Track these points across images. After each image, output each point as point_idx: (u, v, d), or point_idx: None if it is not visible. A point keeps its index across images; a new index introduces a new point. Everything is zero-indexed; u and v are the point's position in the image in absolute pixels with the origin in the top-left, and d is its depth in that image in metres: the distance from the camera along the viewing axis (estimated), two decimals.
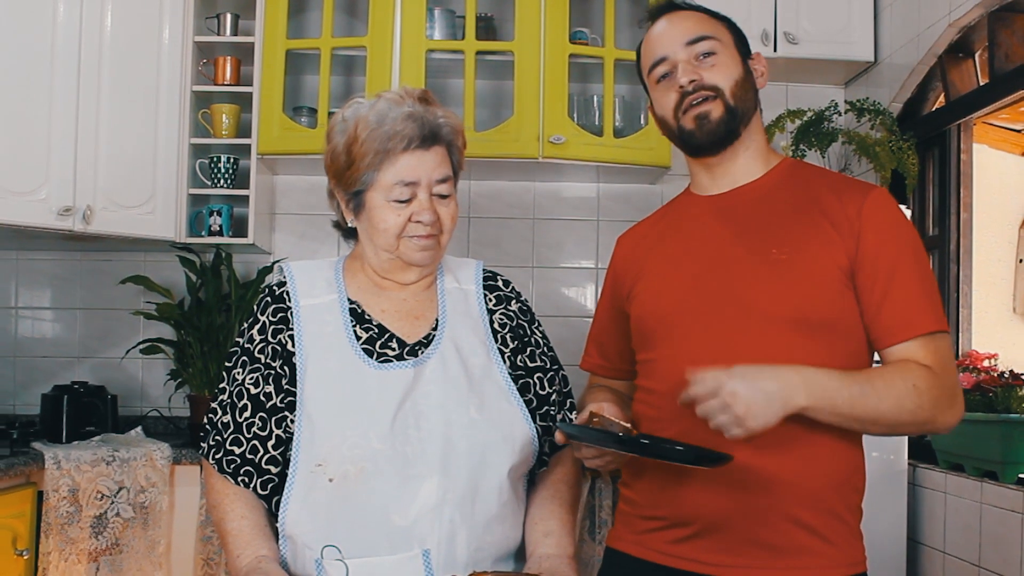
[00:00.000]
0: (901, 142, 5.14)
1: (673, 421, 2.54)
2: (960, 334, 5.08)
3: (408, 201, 2.60)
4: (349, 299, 2.68)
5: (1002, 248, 6.06)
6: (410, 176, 2.58)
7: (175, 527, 4.98)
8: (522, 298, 2.88)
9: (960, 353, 4.95)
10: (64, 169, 5.07)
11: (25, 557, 4.49)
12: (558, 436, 2.53)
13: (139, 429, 5.48)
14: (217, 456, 2.62)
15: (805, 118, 5.38)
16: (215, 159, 5.69)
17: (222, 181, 5.68)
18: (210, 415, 2.68)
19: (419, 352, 2.60)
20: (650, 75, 2.77)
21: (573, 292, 6.24)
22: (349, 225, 2.75)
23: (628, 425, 2.50)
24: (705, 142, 2.69)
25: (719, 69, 2.67)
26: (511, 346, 2.72)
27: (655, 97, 2.77)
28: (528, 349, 2.76)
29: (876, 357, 2.62)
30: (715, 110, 2.65)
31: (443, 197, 2.65)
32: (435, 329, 2.66)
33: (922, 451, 4.94)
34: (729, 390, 2.24)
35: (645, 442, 2.32)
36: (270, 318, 2.66)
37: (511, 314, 2.78)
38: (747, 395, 2.25)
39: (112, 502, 4.80)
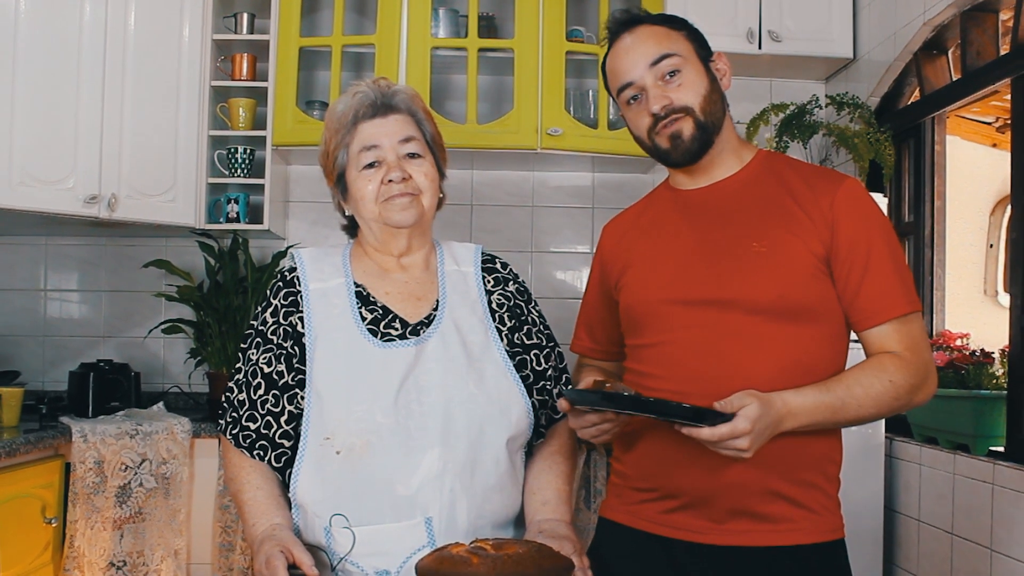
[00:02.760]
0: (878, 134, 5.14)
1: None
2: (934, 315, 5.09)
3: (378, 167, 2.62)
4: (355, 283, 2.67)
5: (974, 234, 6.06)
6: (370, 140, 2.64)
7: (195, 497, 4.99)
8: (520, 279, 2.87)
9: (934, 333, 4.95)
10: (90, 160, 5.09)
11: (53, 525, 4.50)
12: (562, 404, 2.51)
13: (161, 404, 5.49)
14: (234, 432, 2.62)
15: (788, 111, 5.36)
16: (232, 150, 5.69)
17: (239, 171, 5.68)
18: (227, 393, 2.68)
19: (421, 331, 2.59)
20: (619, 96, 2.74)
21: (569, 275, 6.24)
22: (347, 214, 2.77)
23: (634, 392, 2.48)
24: (681, 160, 2.68)
25: (686, 87, 2.63)
26: (508, 324, 2.71)
27: (628, 118, 2.74)
28: (525, 327, 2.75)
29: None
30: (687, 128, 2.62)
31: (412, 156, 2.65)
32: (436, 310, 2.65)
33: (898, 425, 4.94)
34: (746, 446, 2.24)
35: (650, 400, 2.30)
36: (281, 301, 2.66)
37: (509, 294, 2.77)
38: (753, 444, 2.26)
39: (135, 473, 4.80)
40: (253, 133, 5.66)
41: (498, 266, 2.84)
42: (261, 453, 2.59)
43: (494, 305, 2.73)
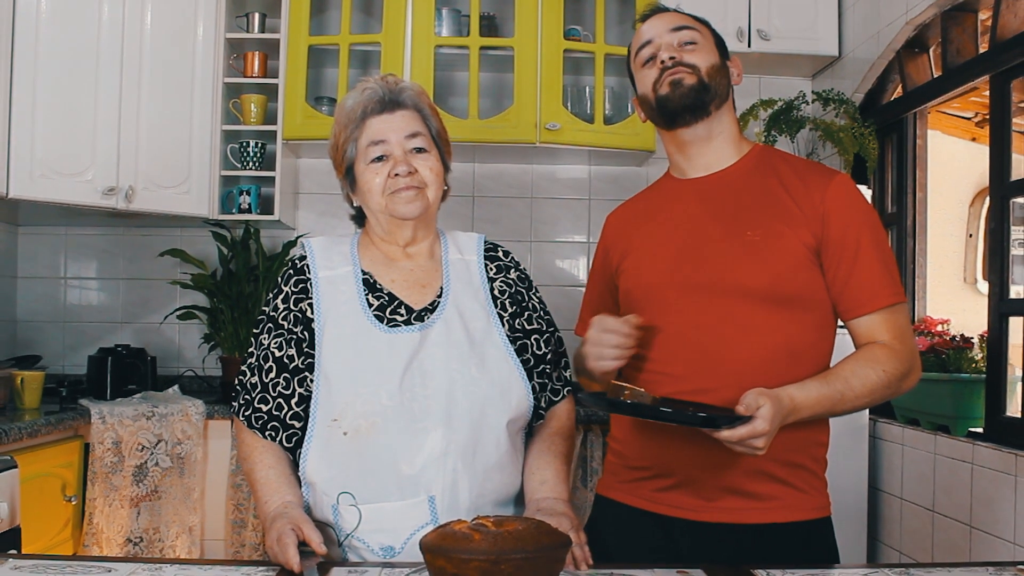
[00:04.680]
0: (863, 129, 5.14)
1: (659, 384, 2.54)
2: (916, 302, 5.09)
3: (385, 161, 2.62)
4: (362, 271, 2.66)
5: (953, 224, 6.07)
6: (378, 135, 2.63)
7: (208, 476, 5.00)
8: (521, 267, 2.85)
9: (916, 319, 4.95)
10: (108, 153, 5.11)
11: (73, 503, 4.50)
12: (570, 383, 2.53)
13: (176, 387, 5.50)
14: (247, 413, 2.62)
15: (776, 107, 5.37)
16: (244, 144, 5.71)
17: (251, 164, 5.69)
18: (240, 377, 2.68)
19: (425, 317, 2.58)
20: (636, 58, 2.75)
21: (567, 264, 6.23)
22: (354, 205, 2.77)
23: (657, 398, 2.48)
24: (678, 106, 2.65)
25: (698, 54, 2.65)
26: (510, 311, 2.70)
27: (639, 78, 2.76)
28: (526, 313, 2.74)
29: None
30: (688, 78, 2.62)
31: (419, 151, 2.65)
32: (440, 296, 2.64)
33: (881, 407, 4.93)
34: (761, 445, 2.25)
35: (667, 410, 2.30)
36: (292, 288, 2.65)
37: (510, 281, 2.76)
38: (768, 443, 2.26)
39: (151, 453, 4.80)
40: (264, 128, 5.67)
41: (500, 254, 2.83)
42: (273, 434, 2.59)
43: (496, 292, 2.72)
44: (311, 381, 2.56)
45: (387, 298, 2.61)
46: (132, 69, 5.20)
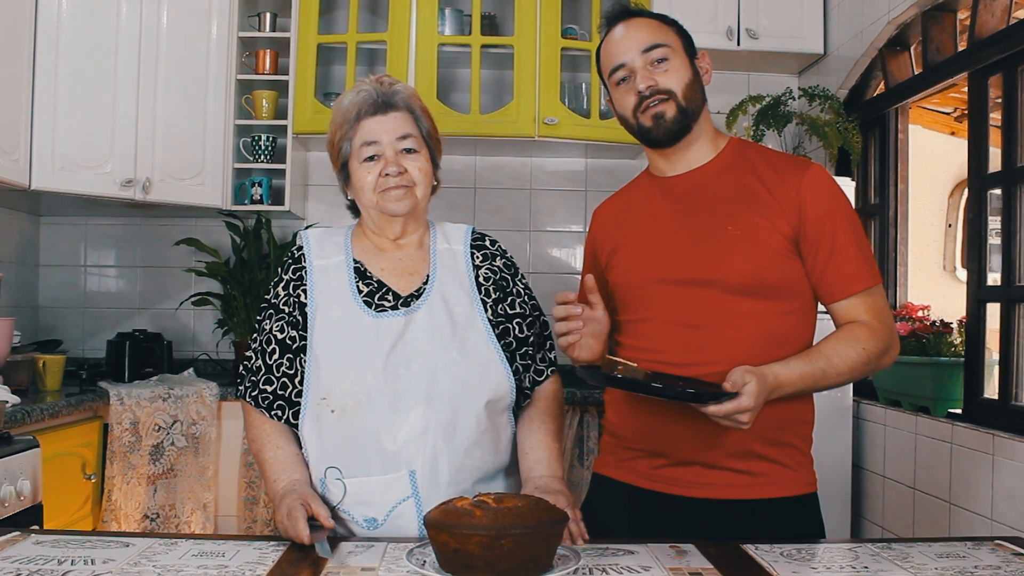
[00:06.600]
0: (847, 123, 5.14)
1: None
2: (897, 288, 5.08)
3: (377, 160, 2.63)
4: (354, 260, 2.69)
5: (933, 214, 6.07)
6: (371, 136, 2.63)
7: (222, 455, 5.01)
8: (507, 255, 2.87)
9: (897, 305, 4.95)
10: (126, 147, 5.12)
11: (93, 480, 4.50)
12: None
13: (191, 370, 5.51)
14: (253, 394, 2.64)
15: (764, 103, 5.35)
16: (256, 138, 5.71)
17: (262, 157, 5.70)
18: (245, 362, 2.70)
19: (411, 303, 2.60)
20: (610, 78, 2.73)
21: (564, 252, 6.22)
22: (349, 198, 2.78)
23: (649, 372, 2.49)
24: (662, 138, 2.65)
25: (672, 74, 2.62)
26: (493, 297, 2.71)
27: (616, 97, 2.73)
28: (509, 299, 2.75)
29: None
30: (669, 110, 2.61)
31: (409, 152, 2.66)
32: (426, 283, 2.66)
33: (865, 389, 4.95)
34: (746, 420, 2.27)
35: (657, 385, 2.31)
36: (290, 276, 2.68)
37: (495, 269, 2.76)
38: (752, 417, 2.28)
39: (168, 433, 4.80)
40: (275, 122, 5.69)
41: (487, 243, 2.83)
42: (279, 413, 2.61)
43: (480, 279, 2.73)
44: (305, 361, 2.58)
45: (376, 285, 2.63)
46: (149, 66, 5.21)
